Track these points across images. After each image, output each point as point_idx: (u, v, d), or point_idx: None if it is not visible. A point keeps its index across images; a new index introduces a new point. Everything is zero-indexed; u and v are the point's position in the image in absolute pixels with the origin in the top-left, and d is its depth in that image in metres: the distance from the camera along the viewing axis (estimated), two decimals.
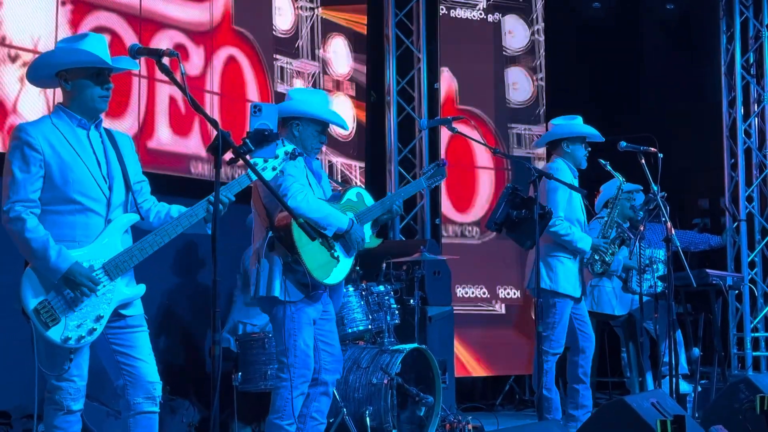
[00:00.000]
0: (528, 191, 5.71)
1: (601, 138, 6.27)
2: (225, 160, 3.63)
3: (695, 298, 7.45)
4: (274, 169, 4.08)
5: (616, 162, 6.36)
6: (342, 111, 7.26)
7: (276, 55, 7.54)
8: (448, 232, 8.95)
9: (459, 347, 8.38)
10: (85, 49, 3.82)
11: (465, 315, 8.62)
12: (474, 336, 8.72)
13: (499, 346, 8.83)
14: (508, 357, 8.97)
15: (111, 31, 6.29)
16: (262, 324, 6.39)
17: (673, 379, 5.94)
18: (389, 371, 5.96)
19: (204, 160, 6.88)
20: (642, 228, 6.51)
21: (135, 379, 3.88)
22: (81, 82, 3.85)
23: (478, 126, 8.95)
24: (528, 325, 8.74)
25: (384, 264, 6.81)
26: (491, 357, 8.83)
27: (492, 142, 8.90)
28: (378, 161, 9.17)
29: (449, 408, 6.92)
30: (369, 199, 5.20)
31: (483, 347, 8.81)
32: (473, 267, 8.62)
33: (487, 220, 6.11)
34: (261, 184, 4.06)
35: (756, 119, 9.95)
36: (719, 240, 9.16)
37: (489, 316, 8.88)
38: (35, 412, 3.83)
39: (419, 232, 9.17)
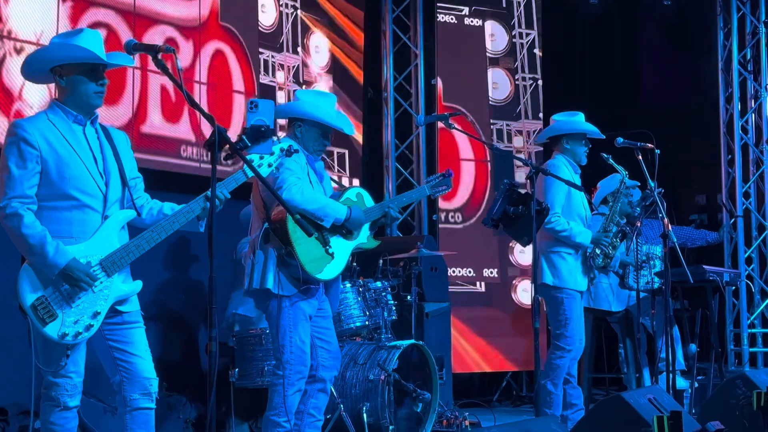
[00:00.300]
0: (512, 179, 5.69)
1: (602, 135, 6.25)
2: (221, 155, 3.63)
3: (692, 294, 7.43)
4: (270, 166, 4.06)
5: (612, 158, 6.35)
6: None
7: (260, 49, 7.89)
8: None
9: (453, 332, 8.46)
10: (80, 45, 3.80)
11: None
12: (461, 312, 8.88)
13: (488, 324, 9.10)
14: (505, 353, 9.00)
15: (107, 27, 6.58)
16: (256, 315, 6.34)
17: (670, 375, 5.93)
18: (386, 367, 5.95)
19: (193, 144, 7.20)
20: (639, 224, 6.50)
21: (131, 375, 3.88)
22: (75, 77, 3.83)
23: (463, 122, 9.11)
24: (506, 300, 9.16)
25: (381, 260, 6.81)
26: (481, 331, 9.02)
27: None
28: (375, 156, 9.19)
29: (446, 404, 6.93)
30: (369, 200, 5.16)
31: (472, 322, 9.04)
32: (456, 249, 8.72)
33: (485, 216, 6.10)
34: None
35: (753, 115, 9.95)
36: (716, 236, 9.16)
37: (470, 294, 9.11)
38: (32, 408, 3.83)
39: (416, 228, 9.18)
